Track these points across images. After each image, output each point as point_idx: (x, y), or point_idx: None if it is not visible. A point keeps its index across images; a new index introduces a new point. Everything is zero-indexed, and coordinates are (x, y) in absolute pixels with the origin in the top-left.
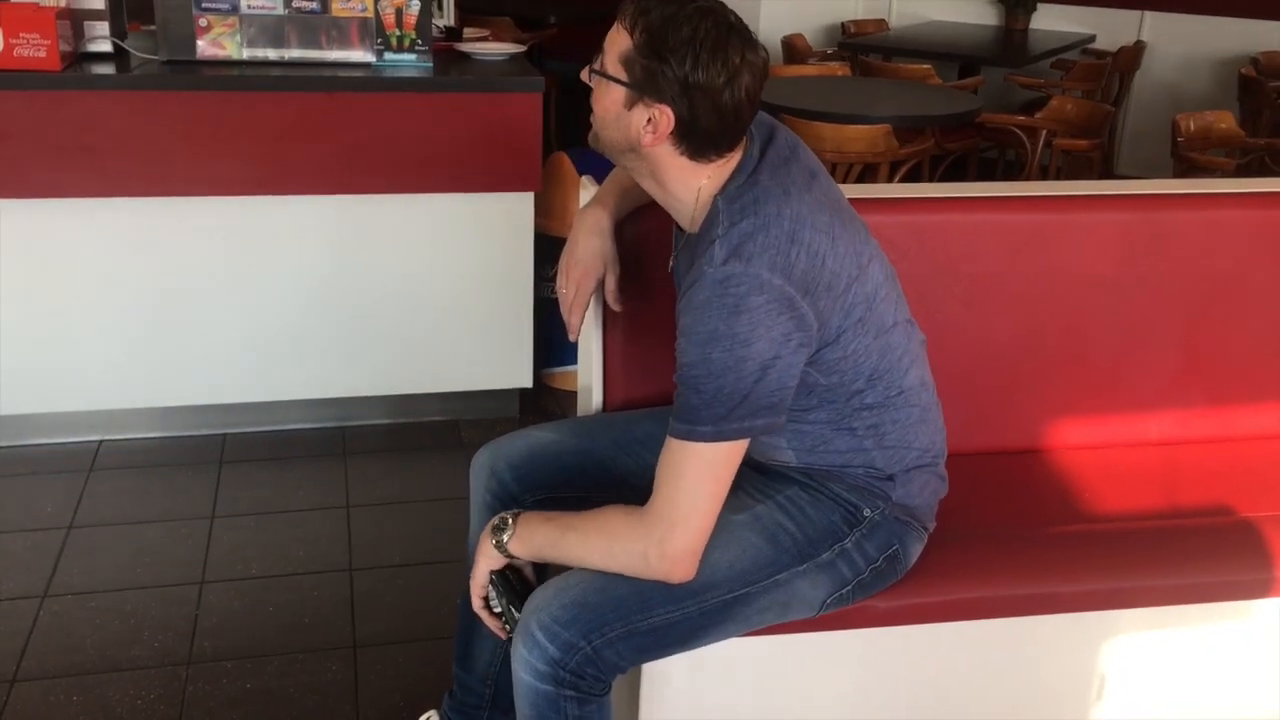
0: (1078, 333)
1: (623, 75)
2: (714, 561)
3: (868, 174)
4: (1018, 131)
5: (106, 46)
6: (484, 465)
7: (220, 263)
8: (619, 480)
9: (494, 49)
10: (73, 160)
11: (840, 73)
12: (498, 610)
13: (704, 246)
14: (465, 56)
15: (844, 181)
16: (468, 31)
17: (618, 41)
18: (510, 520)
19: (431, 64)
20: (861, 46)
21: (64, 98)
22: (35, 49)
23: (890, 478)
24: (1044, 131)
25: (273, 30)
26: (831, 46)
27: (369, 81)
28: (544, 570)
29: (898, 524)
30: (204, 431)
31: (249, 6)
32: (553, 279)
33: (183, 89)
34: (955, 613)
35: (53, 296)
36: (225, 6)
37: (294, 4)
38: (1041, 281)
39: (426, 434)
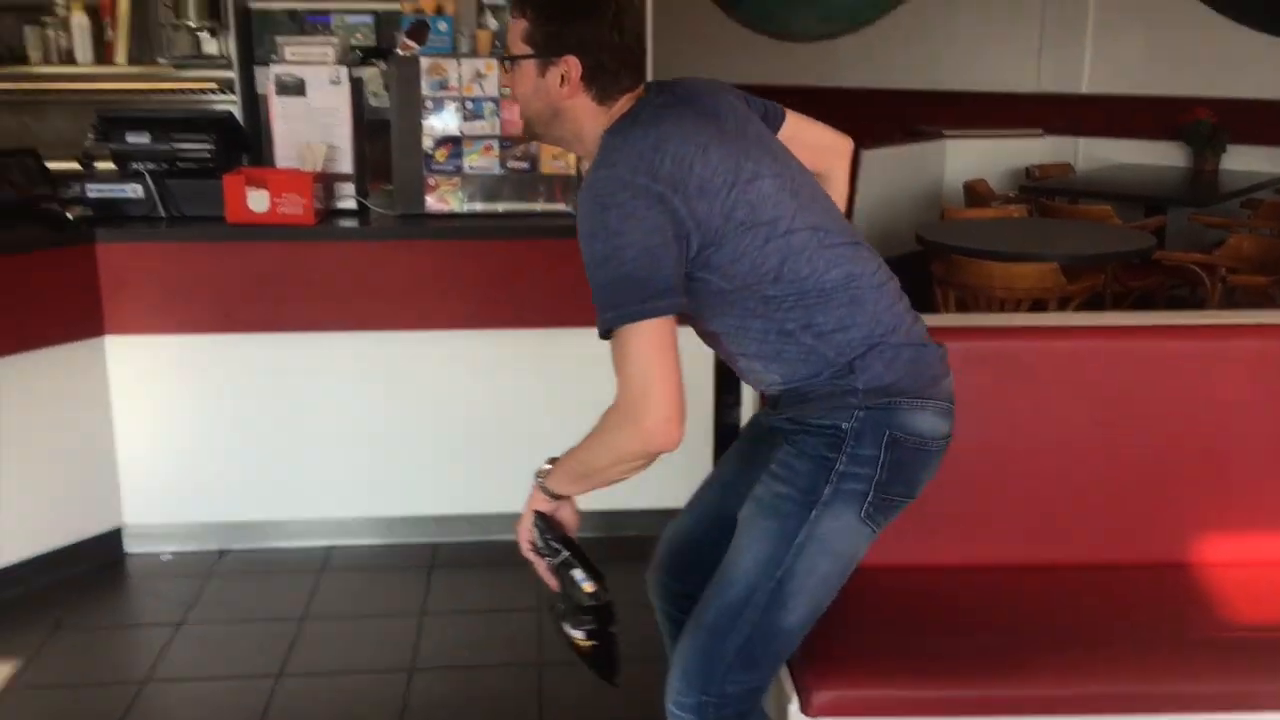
0: (1218, 454)
1: (528, 50)
2: (740, 564)
3: (1037, 311)
4: (1195, 269)
5: (352, 204)
6: (652, 584)
7: (444, 388)
8: None
9: None
10: (323, 300)
11: (1018, 215)
12: (541, 549)
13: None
14: None
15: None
16: None
17: (515, 28)
18: (546, 464)
19: None
20: (1044, 190)
21: (317, 248)
22: (295, 207)
23: (849, 367)
24: (1221, 268)
25: (490, 187)
26: (1014, 190)
27: (569, 229)
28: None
29: (881, 412)
30: (418, 540)
31: (470, 168)
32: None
33: (414, 238)
34: (1087, 707)
35: (296, 417)
36: (450, 168)
37: (508, 165)
38: (1182, 403)
39: (628, 547)
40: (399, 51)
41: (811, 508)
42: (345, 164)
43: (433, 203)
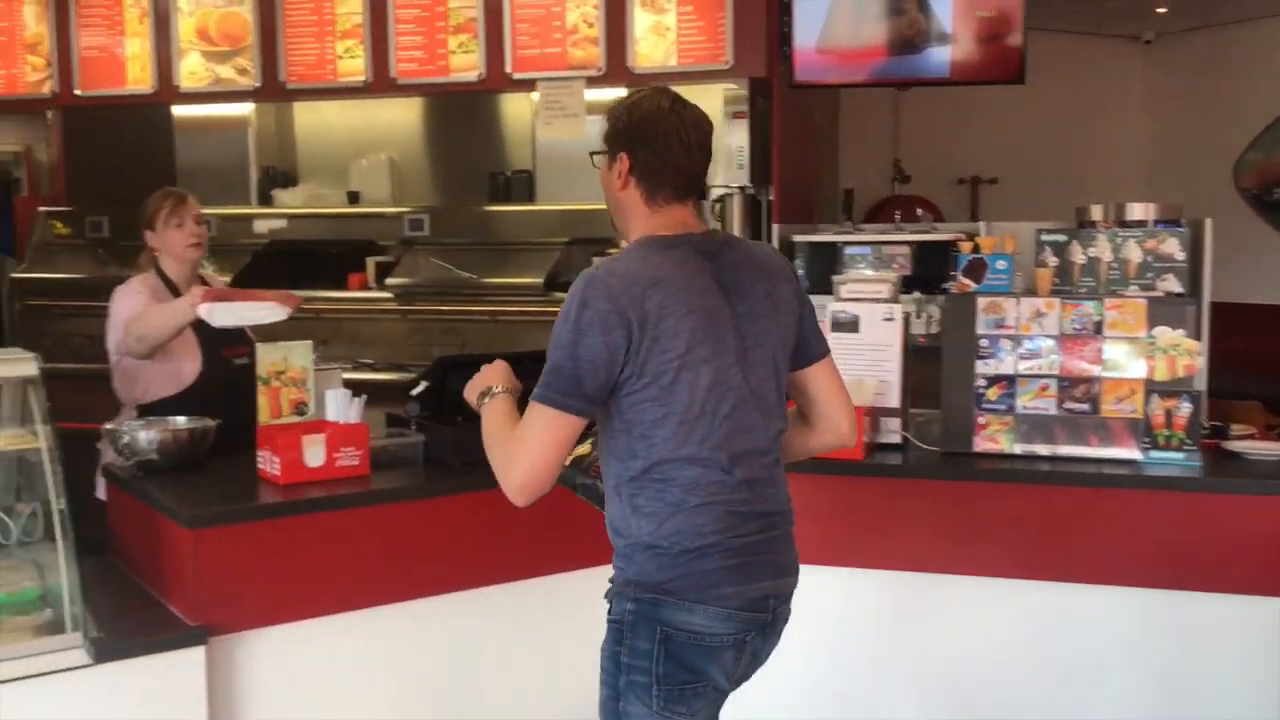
0: None
1: (604, 149)
2: None
3: None
4: None
5: (896, 438)
6: None
7: (1002, 638)
8: None
9: (1266, 448)
10: (866, 535)
11: None
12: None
13: None
14: (1234, 455)
15: None
16: (1235, 428)
17: (604, 132)
18: (496, 390)
19: (1199, 463)
20: None
21: (861, 482)
22: None
23: (642, 546)
24: None
25: (1044, 428)
26: None
27: (1134, 479)
28: None
29: (655, 607)
30: None
31: (1024, 408)
32: None
33: (961, 479)
34: None
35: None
36: (1003, 407)
37: (1065, 405)
38: None
39: None
40: (952, 290)
41: (618, 701)
42: (892, 398)
43: (981, 441)
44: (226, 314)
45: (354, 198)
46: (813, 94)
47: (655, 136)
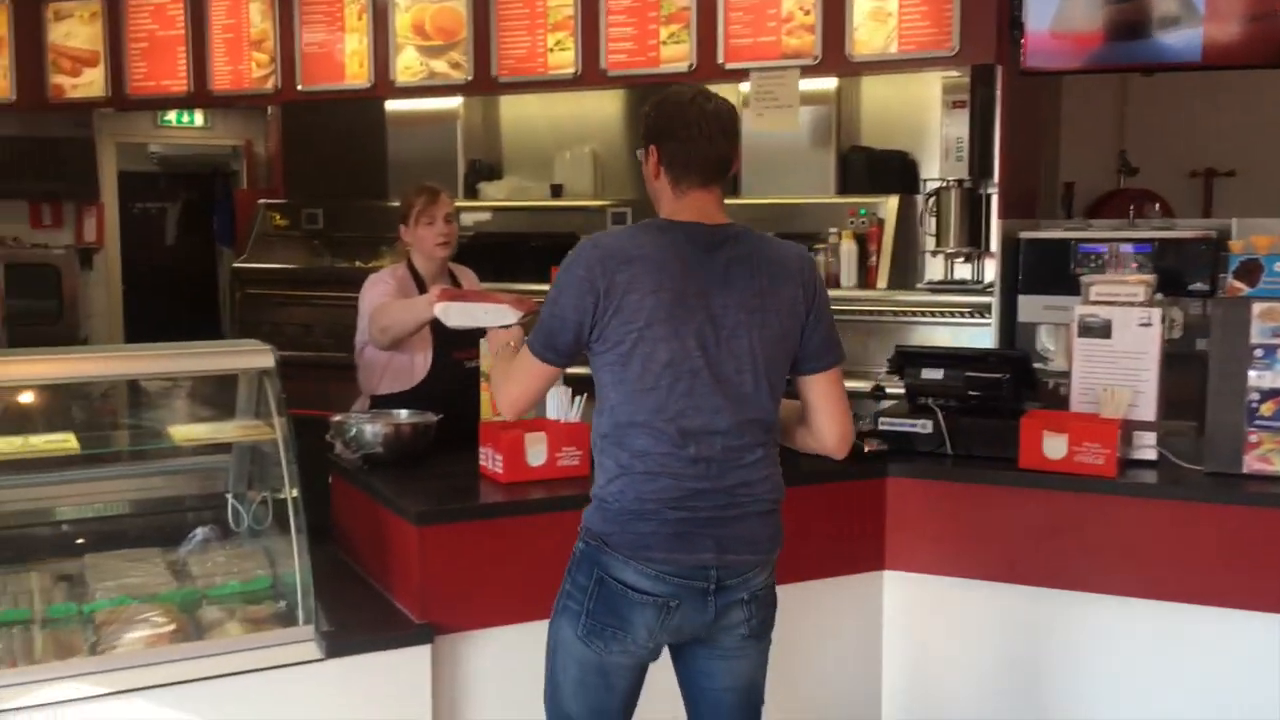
0: None
1: (642, 144)
2: None
3: None
4: None
5: (1151, 454)
6: None
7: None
8: None
9: None
10: (1116, 561)
11: None
12: None
13: None
14: None
15: None
16: None
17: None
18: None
19: None
20: None
21: (1114, 502)
22: (1095, 456)
23: (596, 498)
24: None
25: None
26: None
27: None
28: None
29: (597, 552)
30: None
31: None
32: None
33: (1229, 502)
34: None
35: (1069, 683)
36: (1278, 425)
37: None
38: None
39: None
40: (1221, 293)
41: (558, 616)
42: (1148, 410)
43: (1252, 462)
44: (460, 314)
45: (557, 190)
46: (1039, 81)
47: (678, 129)
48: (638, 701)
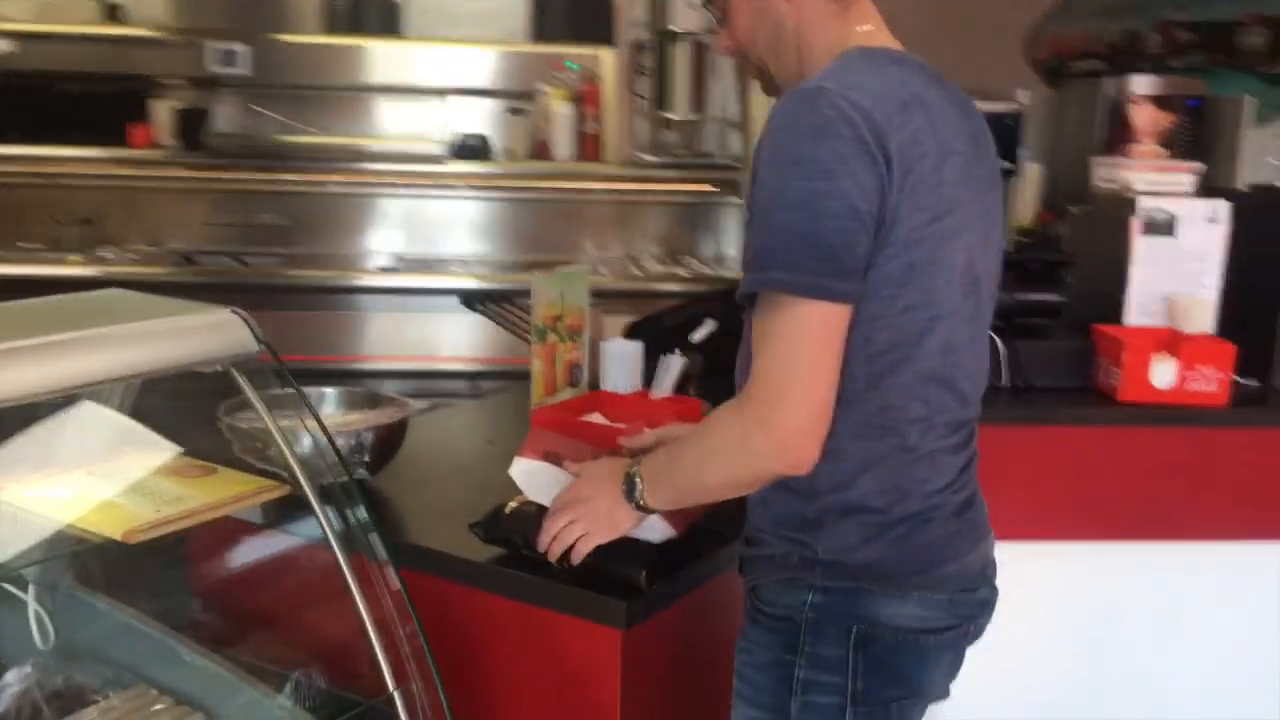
0: None
1: None
2: None
3: None
4: None
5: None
6: None
7: None
8: None
9: None
10: (1234, 504)
11: None
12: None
13: None
14: None
15: None
16: None
17: None
18: (635, 473)
19: None
20: None
21: (1231, 435)
22: (1209, 383)
23: (838, 510)
24: None
25: None
26: None
27: None
28: None
29: (848, 597)
30: None
31: None
32: None
33: None
34: None
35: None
36: None
37: None
38: None
39: None
40: None
41: (786, 714)
42: (1206, 323)
43: None
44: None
45: (113, 12)
46: None
47: None
48: None
